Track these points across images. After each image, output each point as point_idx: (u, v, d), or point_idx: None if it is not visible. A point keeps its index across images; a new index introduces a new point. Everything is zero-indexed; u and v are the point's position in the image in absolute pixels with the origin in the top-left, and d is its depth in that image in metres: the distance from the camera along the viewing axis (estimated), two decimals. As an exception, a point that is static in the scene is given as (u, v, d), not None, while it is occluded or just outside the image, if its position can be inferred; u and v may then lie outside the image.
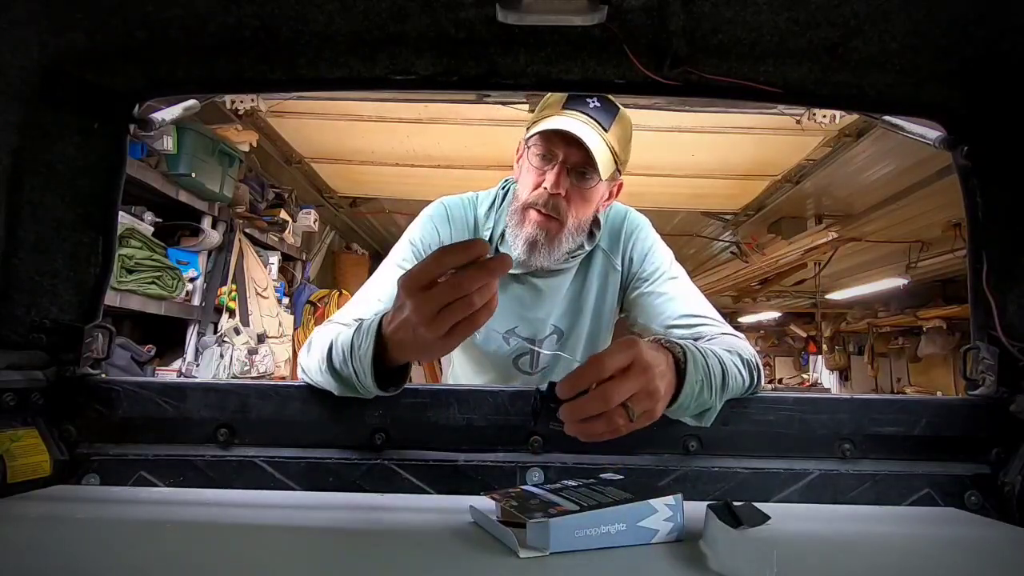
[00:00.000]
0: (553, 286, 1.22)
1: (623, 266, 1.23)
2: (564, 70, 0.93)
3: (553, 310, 1.24)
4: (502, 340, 1.23)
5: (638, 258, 1.21)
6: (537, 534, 0.62)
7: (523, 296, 1.22)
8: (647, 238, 1.23)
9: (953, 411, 0.93)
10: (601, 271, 1.24)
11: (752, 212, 4.53)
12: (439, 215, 1.22)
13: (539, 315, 1.23)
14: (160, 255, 2.70)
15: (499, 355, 1.25)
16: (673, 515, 0.66)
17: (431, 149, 3.51)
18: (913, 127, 1.04)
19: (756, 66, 0.92)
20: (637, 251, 1.22)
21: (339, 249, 5.26)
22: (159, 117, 1.04)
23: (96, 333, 0.95)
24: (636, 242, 1.23)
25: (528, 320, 1.23)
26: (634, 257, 1.22)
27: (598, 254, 1.23)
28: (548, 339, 1.24)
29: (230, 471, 0.89)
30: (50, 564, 0.55)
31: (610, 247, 1.23)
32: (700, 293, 1.16)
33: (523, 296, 1.22)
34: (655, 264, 1.20)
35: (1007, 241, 0.94)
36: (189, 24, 0.87)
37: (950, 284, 6.59)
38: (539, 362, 1.26)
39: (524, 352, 1.25)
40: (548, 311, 1.23)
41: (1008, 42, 0.85)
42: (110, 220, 0.96)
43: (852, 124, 3.01)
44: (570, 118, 1.08)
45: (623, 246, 1.23)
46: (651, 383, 0.69)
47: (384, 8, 0.85)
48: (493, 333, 1.23)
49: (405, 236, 1.20)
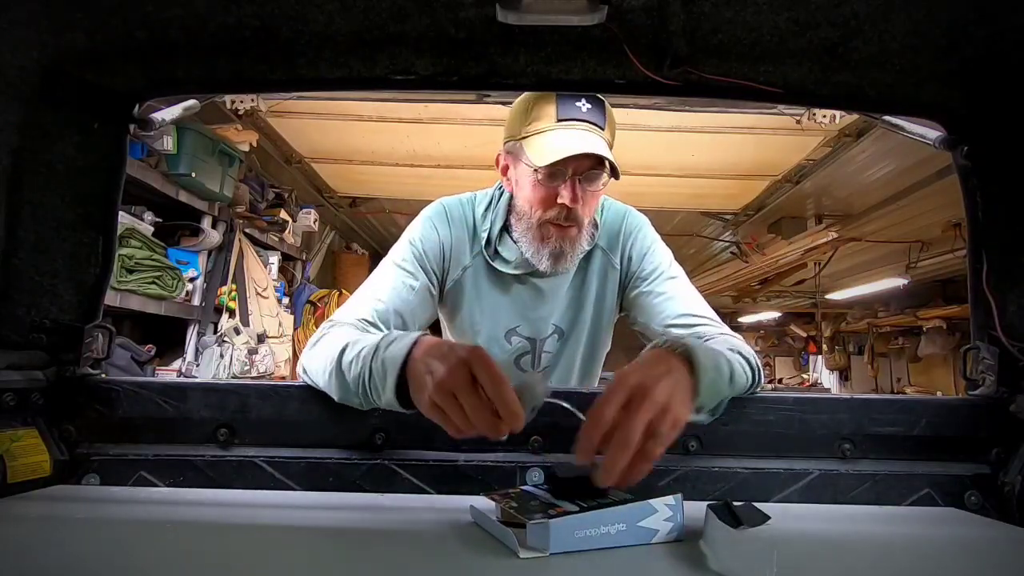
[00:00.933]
0: (555, 286, 1.23)
1: (622, 265, 1.23)
2: (564, 70, 0.93)
3: (554, 310, 1.24)
4: (504, 340, 1.24)
5: (637, 257, 1.22)
6: (537, 535, 0.62)
7: (525, 296, 1.22)
8: (646, 237, 1.24)
9: (953, 411, 0.93)
10: (600, 270, 1.24)
11: (752, 212, 4.53)
12: (438, 215, 1.22)
13: (541, 314, 1.23)
14: (160, 255, 2.70)
15: (501, 355, 1.25)
16: (673, 515, 0.66)
17: (431, 149, 3.51)
18: (913, 127, 1.04)
19: (756, 66, 0.92)
20: (636, 250, 1.22)
21: (339, 249, 5.26)
22: (159, 117, 1.04)
23: (96, 333, 0.95)
24: (636, 241, 1.23)
25: (530, 320, 1.23)
26: (633, 256, 1.22)
27: (597, 253, 1.23)
28: (550, 338, 1.25)
29: (230, 471, 0.89)
30: (50, 564, 0.55)
31: (609, 246, 1.24)
32: (699, 294, 1.16)
33: (525, 296, 1.22)
34: (654, 263, 1.20)
35: (1007, 241, 0.94)
36: (189, 24, 0.87)
37: (950, 284, 6.59)
38: (540, 362, 1.26)
39: (525, 352, 1.25)
40: (550, 310, 1.24)
41: (1008, 42, 0.85)
42: (110, 220, 0.96)
43: (852, 124, 3.00)
44: (570, 131, 1.07)
45: (622, 245, 1.23)
46: (658, 399, 0.67)
47: (384, 8, 0.85)
48: (495, 333, 1.23)
49: (405, 236, 1.21)
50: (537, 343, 1.25)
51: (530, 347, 1.24)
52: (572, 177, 1.08)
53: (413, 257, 1.17)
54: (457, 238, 1.20)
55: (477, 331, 1.23)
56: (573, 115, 1.08)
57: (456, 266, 1.21)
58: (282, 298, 3.85)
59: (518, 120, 1.13)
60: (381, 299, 1.09)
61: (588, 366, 1.28)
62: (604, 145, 1.08)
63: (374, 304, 1.08)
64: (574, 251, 1.15)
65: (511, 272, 1.20)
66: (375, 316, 1.07)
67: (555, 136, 1.07)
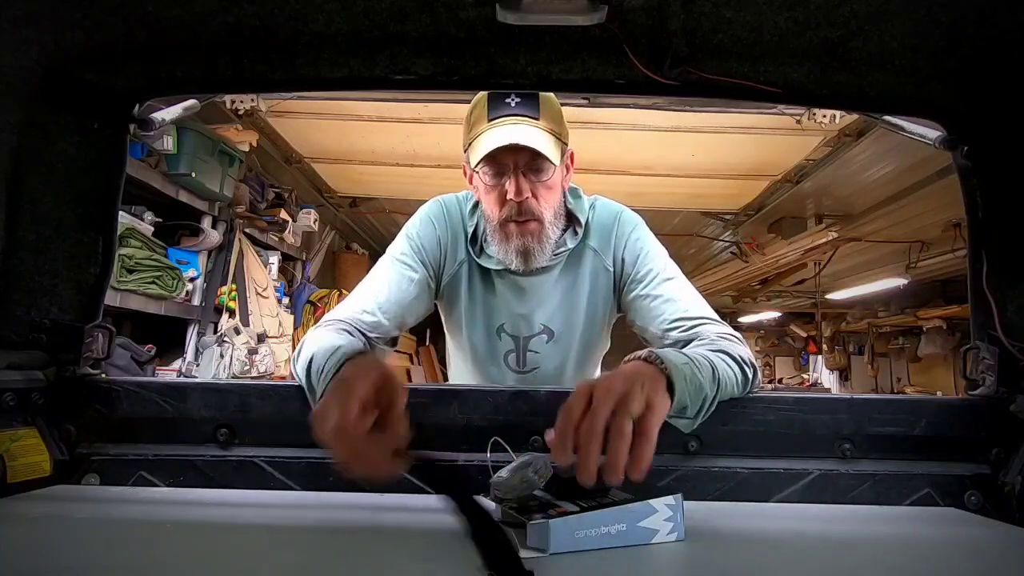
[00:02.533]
0: (536, 283, 1.22)
1: (615, 267, 1.22)
2: (564, 70, 0.93)
3: (538, 308, 1.23)
4: (495, 336, 1.25)
5: (631, 259, 1.20)
6: (537, 535, 0.62)
7: (507, 293, 1.23)
8: (640, 238, 1.22)
9: (953, 411, 0.93)
10: (592, 272, 1.23)
11: (752, 212, 4.53)
12: (436, 212, 1.24)
13: (523, 311, 1.23)
14: (160, 255, 2.70)
15: (491, 352, 1.26)
16: (673, 515, 0.66)
17: (431, 149, 3.51)
18: (913, 127, 1.04)
19: (756, 66, 0.92)
20: (630, 252, 1.20)
21: (339, 249, 5.26)
22: (159, 117, 1.04)
23: (96, 333, 0.95)
24: (629, 243, 1.21)
25: (514, 317, 1.24)
26: (627, 258, 1.20)
27: (588, 253, 1.22)
28: (536, 338, 1.24)
29: (230, 471, 0.89)
30: (50, 564, 0.55)
31: (601, 247, 1.22)
32: (696, 292, 1.15)
33: (507, 293, 1.23)
34: (649, 265, 1.18)
35: (1007, 241, 0.94)
36: (189, 24, 0.87)
37: (950, 284, 6.58)
38: (526, 361, 1.25)
39: (511, 350, 1.25)
40: (532, 308, 1.23)
41: (1008, 42, 0.85)
42: (110, 220, 0.96)
43: (852, 124, 3.00)
44: (500, 127, 1.09)
45: (615, 246, 1.22)
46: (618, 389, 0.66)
47: (384, 8, 0.85)
48: (488, 329, 1.24)
49: (403, 231, 1.23)
50: (520, 341, 1.24)
51: (514, 345, 1.25)
52: (515, 172, 1.10)
53: (412, 251, 1.19)
54: (453, 234, 1.22)
55: (472, 326, 1.25)
56: (501, 112, 1.10)
57: (452, 261, 1.23)
58: (282, 298, 3.85)
59: (464, 130, 1.18)
60: (382, 292, 1.11)
61: (582, 368, 1.28)
62: (536, 134, 1.08)
63: (375, 297, 1.10)
64: (541, 246, 1.15)
65: (495, 268, 1.21)
66: (376, 309, 1.10)
67: (486, 135, 1.10)
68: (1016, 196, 0.93)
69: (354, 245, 5.40)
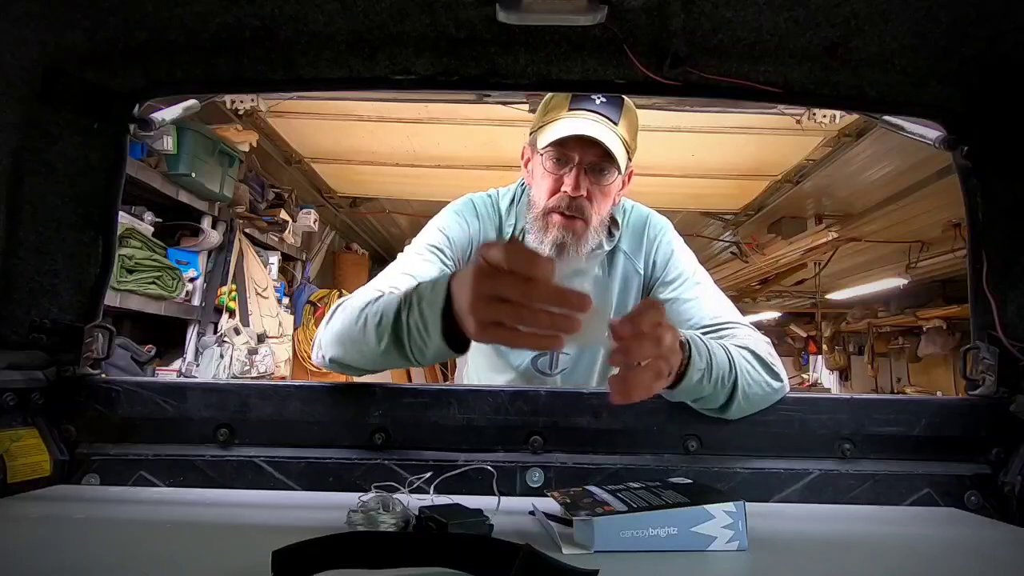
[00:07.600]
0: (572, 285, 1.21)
1: (646, 269, 1.22)
2: (564, 70, 0.93)
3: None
4: None
5: (661, 262, 1.20)
6: (582, 532, 0.61)
7: None
8: (670, 242, 1.22)
9: (953, 411, 0.93)
10: (623, 274, 1.23)
11: (752, 212, 4.53)
12: (467, 208, 1.22)
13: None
14: (160, 255, 2.70)
15: (519, 356, 1.25)
16: (734, 522, 0.62)
17: (431, 149, 3.51)
18: (913, 127, 1.04)
19: (756, 66, 0.92)
20: (660, 255, 1.21)
21: (339, 249, 5.26)
22: (159, 117, 1.04)
23: (96, 333, 0.95)
24: (660, 245, 1.22)
25: None
26: (657, 261, 1.21)
27: (619, 256, 1.23)
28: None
29: (230, 471, 0.89)
30: (50, 564, 0.55)
31: (632, 250, 1.23)
32: (724, 295, 1.15)
33: None
34: (679, 269, 1.19)
35: (1007, 241, 0.94)
36: (189, 24, 0.87)
37: (950, 284, 6.58)
38: (558, 363, 1.24)
39: (543, 352, 1.24)
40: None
41: (1008, 42, 0.85)
42: (110, 220, 0.96)
43: (852, 124, 3.00)
44: (580, 118, 1.08)
45: (646, 249, 1.22)
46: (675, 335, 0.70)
47: (384, 8, 0.85)
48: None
49: (432, 223, 1.20)
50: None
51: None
52: (579, 166, 1.09)
53: (441, 243, 1.15)
54: (484, 232, 1.21)
55: None
56: (584, 105, 1.09)
57: None
58: (282, 298, 3.85)
59: (539, 113, 1.17)
60: (411, 273, 1.04)
61: (609, 368, 1.28)
62: (612, 136, 1.07)
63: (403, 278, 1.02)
64: (578, 245, 1.13)
65: None
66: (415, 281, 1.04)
67: (563, 122, 1.09)
68: (1016, 196, 0.93)
69: (354, 245, 5.40)
